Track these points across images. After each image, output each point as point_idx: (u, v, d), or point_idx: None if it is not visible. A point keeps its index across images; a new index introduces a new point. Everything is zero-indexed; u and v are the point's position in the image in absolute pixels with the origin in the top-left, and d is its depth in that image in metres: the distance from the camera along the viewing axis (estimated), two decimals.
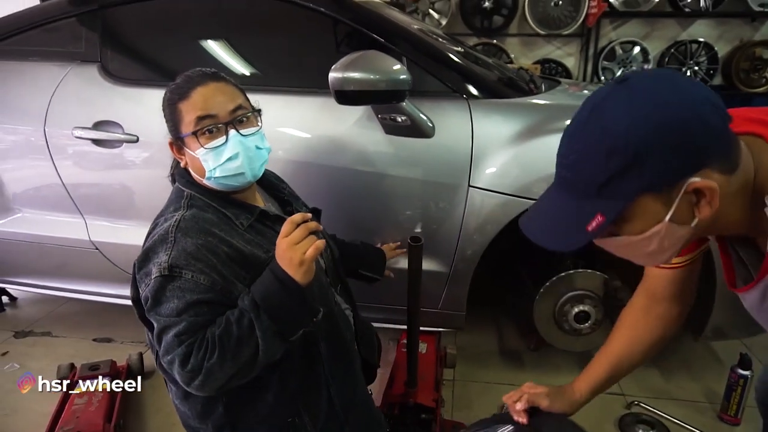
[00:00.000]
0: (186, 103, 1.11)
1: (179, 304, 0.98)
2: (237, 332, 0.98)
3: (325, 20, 1.78)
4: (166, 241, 1.02)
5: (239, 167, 1.13)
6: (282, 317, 1.01)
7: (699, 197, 0.67)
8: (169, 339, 0.98)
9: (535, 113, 1.71)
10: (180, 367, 0.97)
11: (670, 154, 0.64)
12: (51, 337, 2.43)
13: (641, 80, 0.69)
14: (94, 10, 1.94)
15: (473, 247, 1.71)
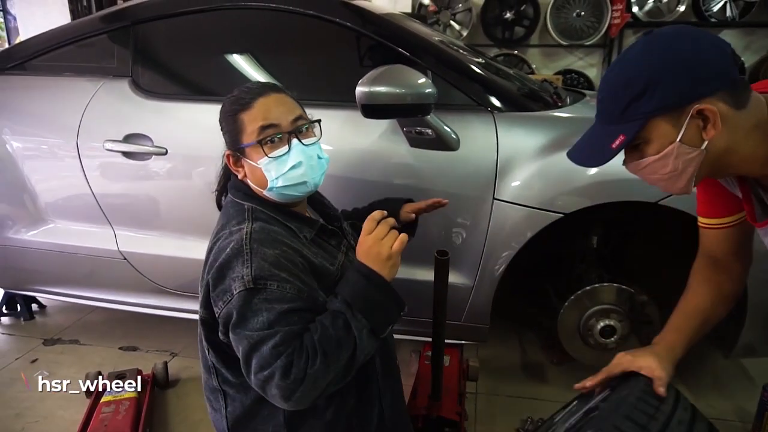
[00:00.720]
0: (248, 113, 1.10)
1: (270, 316, 0.96)
2: (335, 334, 0.97)
3: (350, 34, 1.81)
4: (242, 253, 1.00)
5: (302, 176, 1.13)
6: (375, 314, 1.01)
7: (705, 122, 0.81)
8: (265, 353, 0.94)
9: (560, 126, 1.70)
10: (281, 379, 0.93)
11: (676, 82, 0.81)
12: (79, 345, 2.47)
13: (661, 31, 0.85)
14: (126, 26, 1.99)
15: (498, 260, 1.70)
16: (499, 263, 1.71)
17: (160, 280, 2.07)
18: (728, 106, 0.81)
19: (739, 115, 0.82)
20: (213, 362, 1.15)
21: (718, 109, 0.80)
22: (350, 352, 0.98)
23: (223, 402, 1.18)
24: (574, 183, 1.60)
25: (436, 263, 1.30)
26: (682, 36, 0.83)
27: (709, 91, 0.81)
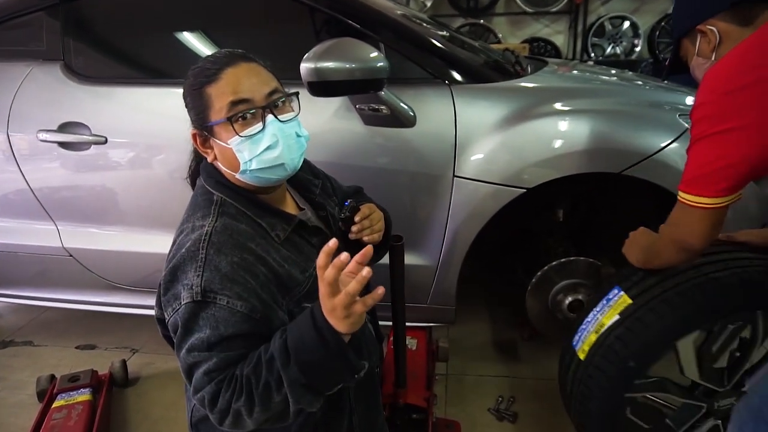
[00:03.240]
0: (215, 87, 0.95)
1: (211, 337, 0.87)
2: (265, 377, 0.85)
3: (299, 7, 1.69)
4: (196, 258, 0.91)
5: (278, 157, 0.98)
6: (315, 372, 0.84)
7: (711, 38, 1.03)
8: (198, 377, 0.88)
9: (522, 97, 1.63)
10: (209, 406, 0.88)
11: (683, 11, 1.10)
12: (33, 346, 2.36)
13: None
14: (55, 4, 1.84)
15: (460, 239, 1.64)
16: (463, 242, 1.65)
17: (111, 276, 1.96)
18: (731, 24, 1.01)
19: (744, 30, 0.99)
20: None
21: (719, 28, 1.02)
22: (281, 399, 0.86)
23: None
24: (535, 156, 1.54)
25: (390, 249, 1.24)
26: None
27: (707, 14, 1.03)
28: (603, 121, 1.55)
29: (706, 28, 1.03)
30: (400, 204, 1.65)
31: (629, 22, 5.21)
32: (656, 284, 1.29)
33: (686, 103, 1.73)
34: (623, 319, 1.30)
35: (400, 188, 1.64)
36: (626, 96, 1.77)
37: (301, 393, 0.85)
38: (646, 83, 2.02)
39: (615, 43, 5.25)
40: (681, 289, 1.25)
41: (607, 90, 1.85)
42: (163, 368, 2.14)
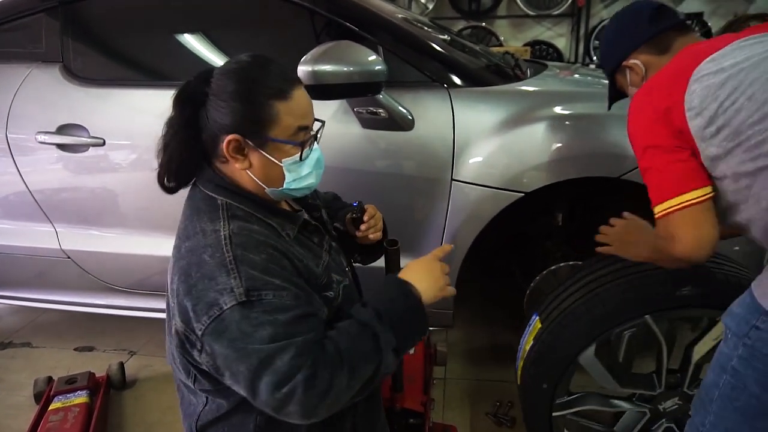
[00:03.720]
0: (286, 105, 0.95)
1: (276, 329, 0.85)
2: (362, 346, 0.89)
3: (299, 10, 1.69)
4: (224, 261, 0.88)
5: (315, 179, 1.05)
6: (402, 333, 0.93)
7: (635, 70, 1.18)
8: (282, 368, 0.83)
9: (520, 101, 1.62)
10: (304, 393, 0.83)
11: (609, 52, 1.23)
12: (31, 348, 2.37)
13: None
14: (54, 6, 1.84)
15: (458, 243, 1.63)
16: (460, 246, 1.64)
17: (109, 278, 1.96)
18: (651, 55, 1.15)
19: (662, 58, 1.12)
20: (194, 372, 1.02)
21: (641, 60, 1.16)
22: (374, 368, 0.89)
23: (204, 400, 1.07)
24: (533, 161, 1.53)
25: (386, 253, 1.23)
26: (614, 17, 1.25)
27: (629, 50, 1.17)
28: (602, 126, 1.55)
29: (631, 63, 1.17)
30: (397, 207, 1.65)
31: None
32: (555, 306, 1.39)
33: None
34: (535, 343, 1.39)
35: (397, 191, 1.63)
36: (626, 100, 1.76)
37: (391, 357, 0.92)
38: None
39: None
40: (571, 308, 1.33)
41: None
42: (161, 371, 2.14)
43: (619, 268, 1.33)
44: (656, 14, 1.14)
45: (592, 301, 1.30)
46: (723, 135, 0.92)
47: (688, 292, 1.23)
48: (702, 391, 1.04)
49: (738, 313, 0.95)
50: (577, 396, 1.43)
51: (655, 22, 1.14)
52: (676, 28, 1.14)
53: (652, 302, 1.27)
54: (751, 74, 0.91)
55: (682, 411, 1.38)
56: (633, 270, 1.29)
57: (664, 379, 1.37)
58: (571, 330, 1.32)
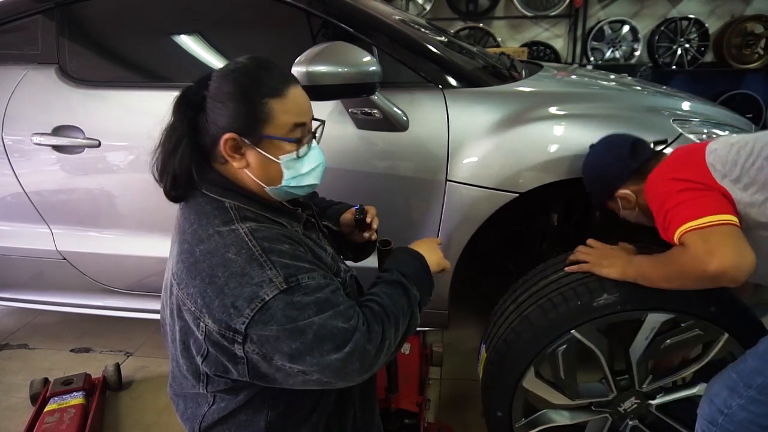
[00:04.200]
0: (281, 102, 0.97)
1: (320, 306, 0.91)
2: (399, 302, 1.02)
3: (294, 11, 1.69)
4: (253, 256, 0.90)
5: (315, 178, 1.08)
6: (424, 290, 1.09)
7: (628, 199, 1.33)
8: (338, 333, 0.90)
9: (515, 101, 1.62)
10: (365, 347, 0.91)
11: (599, 187, 1.40)
12: (27, 349, 2.37)
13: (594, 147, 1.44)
14: (50, 8, 1.84)
15: (453, 243, 1.64)
16: (455, 247, 1.64)
17: (105, 279, 1.96)
18: (637, 183, 1.31)
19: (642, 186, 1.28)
20: (206, 371, 1.02)
21: (629, 189, 1.33)
22: (408, 321, 1.02)
23: (206, 404, 1.08)
24: (528, 161, 1.53)
25: (378, 254, 1.23)
26: (594, 155, 1.41)
27: (618, 184, 1.34)
28: (597, 126, 1.54)
29: (622, 194, 1.33)
30: (392, 208, 1.65)
31: (629, 26, 5.21)
32: (494, 334, 1.46)
33: (683, 108, 1.73)
34: (485, 374, 1.45)
35: (392, 192, 1.64)
36: (622, 100, 1.76)
37: (416, 311, 1.06)
38: (645, 88, 2.02)
39: (614, 47, 5.23)
40: (504, 335, 1.39)
41: (603, 94, 1.85)
42: (157, 372, 2.14)
43: (540, 287, 1.40)
44: (634, 149, 1.32)
45: (521, 326, 1.36)
46: (752, 191, 1.08)
47: (605, 300, 1.27)
48: (733, 375, 1.08)
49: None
50: (537, 416, 1.47)
51: (635, 156, 1.31)
52: (652, 156, 1.32)
53: (574, 317, 1.30)
54: (759, 142, 1.11)
55: (643, 408, 1.42)
56: (553, 287, 1.36)
57: (612, 383, 1.40)
58: (508, 357, 1.37)
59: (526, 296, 1.43)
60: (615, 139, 1.39)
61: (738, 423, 1.06)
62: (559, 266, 1.42)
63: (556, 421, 1.47)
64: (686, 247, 1.07)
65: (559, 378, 1.38)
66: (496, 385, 1.42)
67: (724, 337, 1.30)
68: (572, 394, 1.40)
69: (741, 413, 1.05)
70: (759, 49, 4.98)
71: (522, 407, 1.44)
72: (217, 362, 0.98)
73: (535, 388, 1.40)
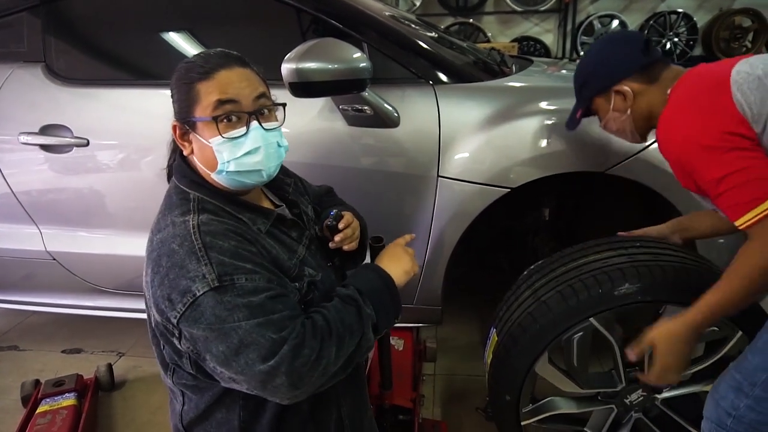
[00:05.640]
0: (207, 84, 0.96)
1: (252, 310, 0.86)
2: (348, 319, 0.95)
3: (284, 8, 1.68)
4: (194, 250, 0.89)
5: (257, 163, 0.99)
6: (381, 311, 1.01)
7: (625, 96, 1.20)
8: (266, 343, 0.84)
9: (506, 97, 1.62)
10: (291, 364, 0.84)
11: (599, 76, 1.24)
12: (18, 351, 2.34)
13: (600, 39, 1.38)
14: (35, 5, 1.82)
15: (445, 239, 1.64)
16: (448, 242, 1.65)
17: (95, 279, 1.94)
18: (640, 83, 1.19)
19: (651, 87, 1.18)
20: (170, 361, 1.03)
21: (631, 87, 1.19)
22: (357, 341, 0.95)
23: (182, 398, 1.08)
24: (519, 156, 1.54)
25: (371, 251, 1.23)
26: (605, 41, 1.32)
27: (621, 77, 1.20)
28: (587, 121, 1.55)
29: (623, 89, 1.19)
30: (384, 204, 1.65)
31: (618, 20, 5.23)
32: (506, 319, 1.43)
33: None
34: (494, 358, 1.44)
35: (384, 188, 1.63)
36: None
37: (371, 332, 0.99)
38: None
39: None
40: (519, 320, 1.37)
41: None
42: (150, 371, 2.13)
43: (560, 274, 1.37)
44: (647, 46, 1.20)
45: (538, 311, 1.33)
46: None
47: (626, 289, 1.26)
48: (737, 375, 1.04)
49: None
50: (543, 402, 1.47)
51: (646, 53, 1.19)
52: (662, 60, 1.20)
53: (594, 304, 1.29)
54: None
55: (649, 401, 1.42)
56: (573, 274, 1.34)
57: (623, 374, 1.39)
58: (522, 341, 1.35)
59: (543, 282, 1.39)
60: (629, 32, 1.34)
61: (747, 424, 1.03)
62: (578, 254, 1.39)
63: (562, 408, 1.47)
64: (755, 241, 0.98)
65: (572, 365, 1.38)
66: (507, 368, 1.40)
67: (737, 334, 1.28)
68: (582, 383, 1.40)
69: (750, 414, 1.02)
70: (747, 42, 5.03)
71: (530, 393, 1.44)
72: (170, 353, 1.00)
73: (547, 374, 1.40)
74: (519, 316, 1.38)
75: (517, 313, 1.39)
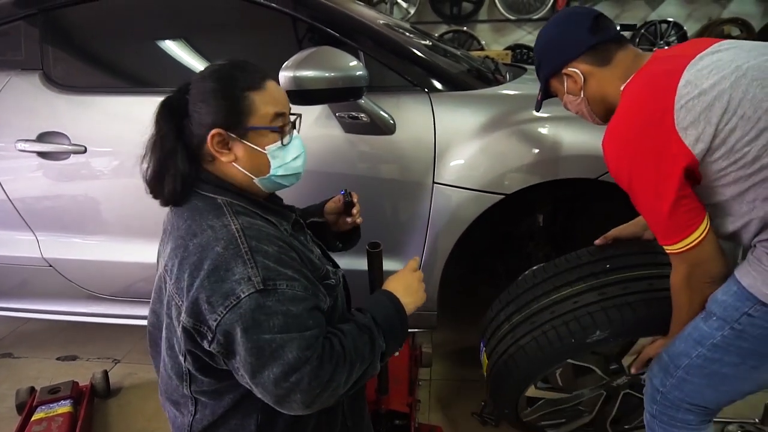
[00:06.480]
0: (261, 95, 1.02)
1: (287, 320, 0.90)
2: (361, 347, 0.98)
3: (281, 17, 1.70)
4: (240, 253, 0.91)
5: (299, 167, 1.11)
6: (390, 342, 1.05)
7: (575, 79, 1.17)
8: (290, 359, 0.88)
9: (500, 104, 1.65)
10: (310, 383, 0.89)
11: (549, 57, 1.21)
12: (12, 358, 2.33)
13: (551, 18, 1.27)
14: (33, 14, 1.83)
15: (441, 245, 1.66)
16: (443, 248, 1.66)
17: (91, 286, 1.95)
18: (592, 65, 1.15)
19: (604, 69, 1.14)
20: (189, 369, 1.03)
21: (581, 69, 1.15)
22: (365, 368, 0.99)
23: (193, 408, 1.08)
24: (513, 163, 1.56)
25: (368, 256, 1.24)
26: (553, 21, 1.23)
27: (569, 58, 1.16)
28: (580, 128, 1.57)
29: (570, 71, 1.17)
30: (380, 210, 1.67)
31: None
32: (493, 348, 1.53)
33: None
34: (489, 380, 1.57)
35: (380, 195, 1.65)
36: None
37: (378, 361, 1.02)
38: None
39: None
40: (504, 358, 1.47)
41: None
42: (146, 378, 2.13)
43: (535, 312, 1.44)
44: (597, 24, 1.14)
45: (518, 355, 1.44)
46: (719, 154, 0.95)
47: (598, 336, 1.32)
48: (665, 358, 1.16)
49: (725, 300, 1.04)
50: (540, 403, 1.58)
51: (595, 32, 1.14)
52: (615, 40, 1.14)
53: (569, 351, 1.38)
54: (735, 95, 0.93)
55: (635, 379, 1.50)
56: (546, 317, 1.40)
57: (607, 376, 1.49)
58: (508, 380, 1.48)
59: (520, 318, 1.47)
60: (579, 9, 1.24)
61: (671, 401, 1.16)
62: (548, 284, 1.45)
63: (557, 404, 1.59)
64: (676, 269, 1.10)
65: (558, 385, 1.51)
66: (501, 394, 1.54)
67: None
68: (570, 390, 1.53)
69: (674, 392, 1.15)
70: None
71: (526, 402, 1.57)
72: (195, 358, 1.00)
73: (537, 394, 1.54)
74: (502, 354, 1.48)
75: (501, 347, 1.49)
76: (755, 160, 0.93)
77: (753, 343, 1.02)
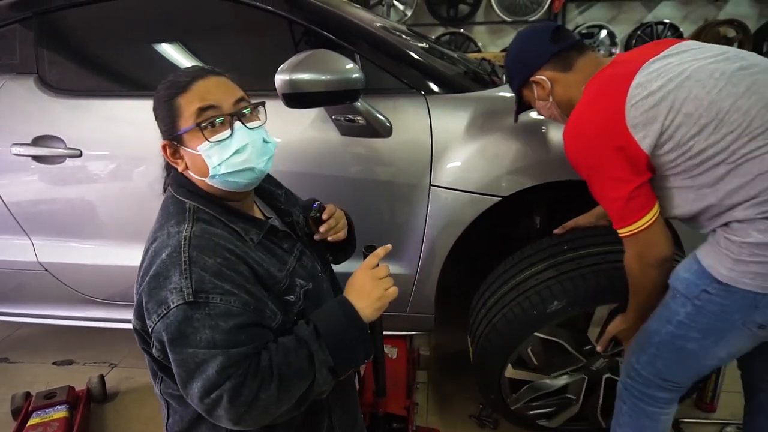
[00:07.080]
0: (186, 96, 0.99)
1: (214, 335, 0.87)
2: (295, 363, 0.91)
3: (277, 20, 1.70)
4: (179, 261, 0.90)
5: (246, 161, 1.01)
6: (341, 354, 0.96)
7: (542, 85, 1.28)
8: (212, 375, 0.85)
9: (496, 107, 1.64)
10: (230, 402, 0.85)
11: (516, 69, 1.34)
12: (8, 363, 2.32)
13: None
14: (28, 17, 1.82)
15: (438, 247, 1.65)
16: (440, 251, 1.66)
17: (87, 290, 1.94)
18: (556, 71, 1.26)
19: (567, 75, 1.25)
20: (155, 369, 1.05)
21: (547, 76, 1.27)
22: (306, 386, 0.93)
23: (166, 411, 1.09)
24: (510, 165, 1.56)
25: (364, 259, 1.23)
26: (518, 38, 1.35)
27: (534, 68, 1.28)
28: None
29: (538, 78, 1.28)
30: (377, 213, 1.66)
31: (606, 30, 5.31)
32: (474, 331, 1.66)
33: None
34: (473, 366, 1.68)
35: (377, 198, 1.65)
36: None
37: (326, 376, 0.94)
38: None
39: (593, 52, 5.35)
40: (480, 340, 1.61)
41: None
42: (142, 382, 2.12)
43: (504, 293, 1.58)
44: (557, 35, 1.27)
45: (492, 333, 1.57)
46: (667, 147, 1.07)
47: (556, 306, 1.46)
48: (641, 335, 1.26)
49: (687, 278, 1.13)
50: (523, 390, 1.66)
51: (556, 41, 1.27)
52: (575, 47, 1.27)
53: (533, 323, 1.51)
54: (680, 95, 1.04)
55: (613, 363, 1.61)
56: (514, 295, 1.54)
57: (581, 356, 1.60)
58: (486, 358, 1.60)
59: (493, 301, 1.60)
60: (541, 24, 1.38)
61: (645, 377, 1.25)
62: (515, 268, 1.59)
63: (541, 389, 1.66)
64: (628, 251, 1.20)
65: (534, 365, 1.60)
66: (483, 377, 1.65)
67: None
68: (550, 372, 1.63)
69: (648, 367, 1.24)
70: None
71: (509, 387, 1.66)
72: (152, 358, 1.01)
73: (517, 375, 1.62)
74: (480, 335, 1.60)
75: (479, 331, 1.61)
76: (700, 153, 1.04)
77: (710, 318, 1.10)
